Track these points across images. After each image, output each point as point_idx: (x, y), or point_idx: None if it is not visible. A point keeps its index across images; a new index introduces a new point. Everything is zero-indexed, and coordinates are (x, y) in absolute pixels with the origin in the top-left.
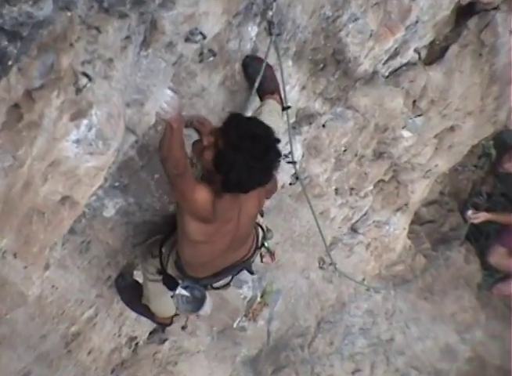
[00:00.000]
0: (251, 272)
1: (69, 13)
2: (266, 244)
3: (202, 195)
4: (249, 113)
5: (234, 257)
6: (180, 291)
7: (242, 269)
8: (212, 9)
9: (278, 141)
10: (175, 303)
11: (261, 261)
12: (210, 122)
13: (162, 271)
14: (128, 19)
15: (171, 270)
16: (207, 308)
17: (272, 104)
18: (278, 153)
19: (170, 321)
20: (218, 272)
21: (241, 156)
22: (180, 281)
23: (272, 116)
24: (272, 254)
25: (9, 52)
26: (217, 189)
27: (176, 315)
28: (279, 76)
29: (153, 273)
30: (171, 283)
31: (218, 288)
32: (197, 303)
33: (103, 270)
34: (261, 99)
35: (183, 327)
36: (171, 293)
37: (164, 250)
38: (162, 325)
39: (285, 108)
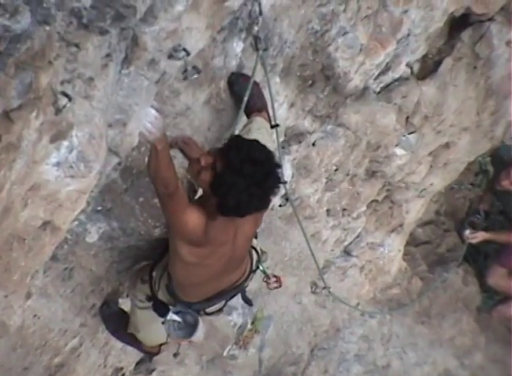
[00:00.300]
0: (249, 302)
1: (47, 27)
2: (261, 268)
3: (192, 218)
4: (236, 132)
5: (228, 280)
6: (172, 316)
7: (236, 294)
8: (195, 24)
9: (279, 166)
10: (167, 329)
11: (268, 287)
12: (195, 142)
13: (152, 297)
14: (108, 36)
15: (161, 295)
16: (199, 333)
17: (260, 122)
18: (278, 179)
19: (158, 350)
20: (212, 296)
21: (241, 180)
22: (171, 307)
23: (261, 134)
24: (277, 277)
25: None
26: (211, 212)
27: (164, 343)
28: (267, 93)
29: (142, 300)
30: (161, 309)
31: (210, 314)
32: (190, 329)
33: (87, 298)
34: (248, 117)
35: (175, 355)
36: (161, 320)
37: (154, 274)
38: (149, 354)
39: (273, 126)
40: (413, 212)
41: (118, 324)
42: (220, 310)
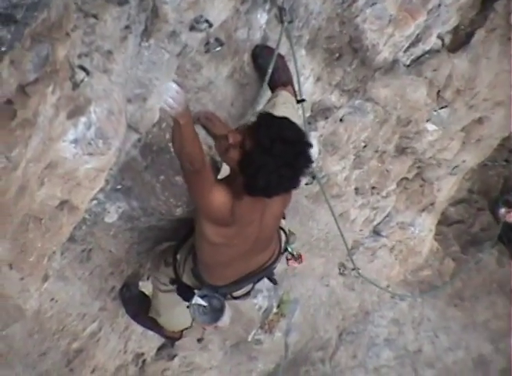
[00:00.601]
0: (274, 281)
1: None
2: (290, 249)
3: (219, 197)
4: (260, 107)
5: (256, 262)
6: (197, 300)
7: (263, 277)
8: None
9: (310, 146)
10: (192, 314)
11: (288, 264)
12: (218, 118)
13: (176, 280)
14: (127, 6)
15: (186, 279)
16: (226, 318)
17: (285, 96)
18: (309, 160)
19: (180, 335)
20: (239, 279)
21: (271, 160)
22: (196, 290)
23: (287, 108)
24: (299, 256)
25: (3, 37)
26: (238, 191)
27: (187, 328)
28: (293, 67)
29: (166, 283)
30: (186, 293)
31: (237, 298)
32: (216, 313)
33: (106, 281)
34: (273, 91)
35: (199, 340)
36: (185, 304)
37: (178, 257)
38: (171, 339)
39: (299, 101)
40: (445, 190)
41: (139, 308)
42: (247, 294)
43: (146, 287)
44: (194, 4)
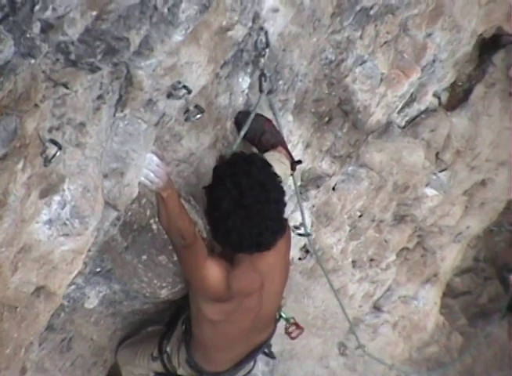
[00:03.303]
0: (272, 355)
1: (32, 61)
2: (283, 315)
3: (212, 271)
4: None
5: (258, 339)
6: None
7: (261, 352)
8: (196, 57)
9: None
10: None
11: (290, 337)
12: None
13: (166, 374)
14: (99, 74)
15: (182, 370)
16: None
17: (277, 155)
18: (277, 188)
19: None
20: (241, 359)
21: (228, 198)
22: None
23: (278, 165)
24: (296, 324)
25: None
26: (230, 259)
27: None
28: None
29: (142, 374)
30: None
31: None
32: None
33: (89, 372)
34: None
35: None
36: None
37: (168, 349)
38: None
39: (295, 162)
40: (449, 260)
41: None
42: (249, 372)
43: None
44: (171, 69)
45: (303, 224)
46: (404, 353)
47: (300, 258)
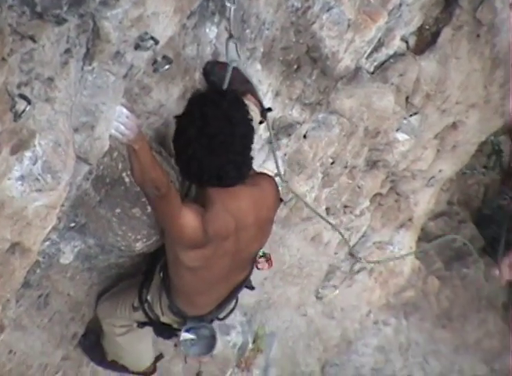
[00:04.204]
0: (251, 287)
1: None
2: (261, 252)
3: (189, 219)
4: None
5: (238, 278)
6: (184, 336)
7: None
8: (162, 7)
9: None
10: (183, 350)
11: (257, 267)
12: None
13: (150, 322)
14: (66, 27)
15: (166, 319)
16: (220, 343)
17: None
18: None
19: (153, 368)
20: (223, 300)
21: (194, 132)
22: (175, 325)
23: None
24: (267, 258)
25: None
26: (202, 203)
27: (159, 359)
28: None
29: (123, 326)
30: (166, 333)
31: (223, 318)
32: (208, 342)
33: (67, 327)
34: None
35: (198, 374)
36: (146, 340)
37: (149, 297)
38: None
39: (265, 110)
40: (423, 204)
41: (103, 354)
42: (232, 311)
43: None
44: (137, 20)
45: (278, 173)
46: (381, 299)
47: None
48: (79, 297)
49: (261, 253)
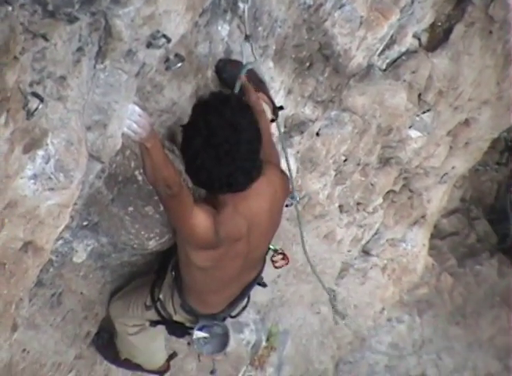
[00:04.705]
0: (263, 284)
1: (9, 8)
2: (272, 247)
3: (200, 220)
4: None
5: (249, 277)
6: (197, 334)
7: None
8: (173, 6)
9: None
10: (196, 349)
11: (274, 266)
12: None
13: (163, 321)
14: (77, 25)
15: (178, 317)
16: (233, 341)
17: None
18: (252, 149)
19: (167, 366)
20: (235, 298)
21: (202, 142)
22: (188, 324)
23: None
24: (283, 254)
25: None
26: (215, 205)
27: (172, 357)
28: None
29: (136, 325)
30: (179, 331)
31: (236, 315)
32: (221, 340)
33: (81, 325)
34: None
35: (212, 372)
36: (159, 338)
37: (161, 296)
38: (160, 374)
39: (277, 108)
40: (436, 201)
41: (116, 352)
42: (244, 308)
43: None
44: (149, 18)
45: (288, 170)
46: (394, 296)
47: (287, 205)
48: (92, 295)
49: (272, 248)
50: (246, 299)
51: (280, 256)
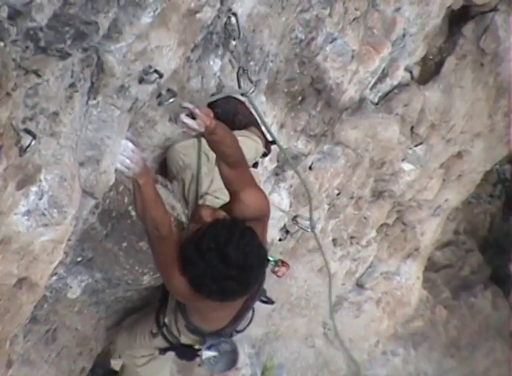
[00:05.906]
0: (270, 301)
1: (1, 44)
2: (271, 258)
3: (180, 283)
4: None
5: (250, 292)
6: (206, 354)
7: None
8: (165, 41)
9: (249, 272)
10: (207, 369)
11: (277, 275)
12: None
13: (171, 347)
14: (70, 61)
15: (185, 339)
16: (242, 356)
17: (248, 133)
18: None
19: None
20: (239, 312)
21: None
22: (196, 345)
23: (249, 140)
24: (283, 262)
25: None
26: None
27: None
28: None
29: (144, 356)
30: (188, 354)
31: (242, 330)
32: (231, 356)
33: (75, 362)
34: None
35: None
36: (167, 366)
37: (167, 320)
38: None
39: (269, 143)
40: (429, 233)
41: None
42: (250, 322)
43: (118, 365)
44: (141, 54)
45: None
46: (389, 329)
47: (280, 239)
48: (87, 331)
49: (271, 260)
50: (250, 313)
51: (278, 267)
